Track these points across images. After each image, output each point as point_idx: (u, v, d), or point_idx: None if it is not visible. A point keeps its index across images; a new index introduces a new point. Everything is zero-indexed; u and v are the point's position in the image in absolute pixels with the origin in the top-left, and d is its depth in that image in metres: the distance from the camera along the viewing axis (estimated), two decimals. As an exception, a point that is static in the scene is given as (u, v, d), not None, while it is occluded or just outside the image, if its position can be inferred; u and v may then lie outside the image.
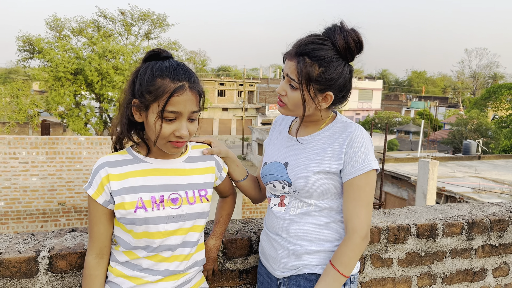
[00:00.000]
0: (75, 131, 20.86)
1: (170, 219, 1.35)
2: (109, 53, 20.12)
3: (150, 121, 1.28)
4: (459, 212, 2.22)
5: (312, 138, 1.51)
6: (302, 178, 1.45)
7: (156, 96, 1.26)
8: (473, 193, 12.51)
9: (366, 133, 1.46)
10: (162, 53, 1.32)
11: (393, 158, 18.51)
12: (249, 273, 1.79)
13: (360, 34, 1.42)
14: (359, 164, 1.41)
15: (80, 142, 10.69)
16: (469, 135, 29.60)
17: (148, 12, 23.81)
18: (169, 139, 1.29)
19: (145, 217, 1.31)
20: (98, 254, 1.37)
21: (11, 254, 1.48)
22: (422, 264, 2.02)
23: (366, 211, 1.41)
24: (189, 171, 1.43)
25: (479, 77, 68.81)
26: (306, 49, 1.39)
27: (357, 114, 46.54)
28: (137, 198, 1.31)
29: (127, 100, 1.33)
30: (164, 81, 1.26)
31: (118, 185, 1.31)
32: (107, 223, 1.35)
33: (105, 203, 1.32)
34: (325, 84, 1.41)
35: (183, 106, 1.27)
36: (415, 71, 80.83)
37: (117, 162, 1.34)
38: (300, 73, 1.40)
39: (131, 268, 1.36)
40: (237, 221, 1.96)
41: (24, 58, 22.86)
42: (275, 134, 1.67)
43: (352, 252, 1.39)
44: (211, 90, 42.07)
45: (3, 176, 10.14)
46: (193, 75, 1.31)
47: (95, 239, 1.36)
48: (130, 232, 1.33)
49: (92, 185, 1.32)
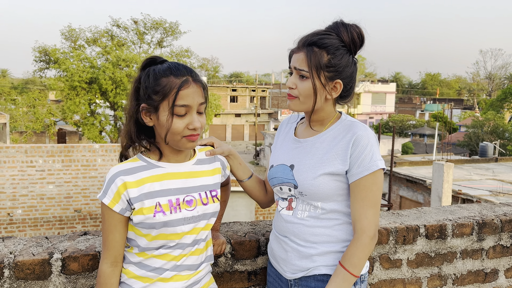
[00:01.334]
0: (90, 139, 21.18)
1: (187, 220, 1.39)
2: (122, 61, 20.42)
3: (162, 120, 1.31)
4: (469, 213, 2.21)
5: (317, 139, 1.51)
6: (308, 180, 1.46)
7: (164, 94, 1.30)
8: (490, 196, 12.30)
9: (371, 132, 1.46)
10: (158, 59, 1.38)
11: (408, 161, 18.31)
12: (258, 274, 1.80)
13: (362, 29, 1.46)
14: (365, 164, 1.41)
15: (95, 149, 10.85)
16: (486, 137, 29.09)
17: (160, 21, 24.11)
18: (184, 134, 1.33)
19: (165, 221, 1.34)
20: (113, 262, 1.38)
21: (25, 256, 1.53)
22: (432, 265, 2.01)
23: (373, 211, 1.42)
24: (200, 173, 1.47)
25: (495, 78, 67.72)
26: (313, 39, 1.44)
27: (371, 117, 46.18)
28: (155, 202, 1.34)
29: (133, 107, 1.36)
30: (168, 79, 1.31)
31: (136, 191, 1.33)
32: (122, 231, 1.37)
33: (122, 211, 1.34)
34: (334, 71, 1.44)
35: (191, 99, 1.31)
36: (428, 73, 79.99)
37: (131, 170, 1.35)
38: (310, 60, 1.43)
39: (144, 268, 1.39)
40: (245, 223, 1.99)
41: (40, 69, 23.36)
42: (281, 137, 1.68)
43: (361, 252, 1.40)
44: (223, 97, 42.25)
45: (21, 184, 10.35)
46: (193, 70, 1.37)
47: (111, 247, 1.37)
48: (147, 236, 1.36)
49: (107, 194, 1.32)
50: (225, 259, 1.75)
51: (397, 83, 71.29)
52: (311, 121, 1.55)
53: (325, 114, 1.52)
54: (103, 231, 1.37)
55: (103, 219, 1.36)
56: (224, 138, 42.20)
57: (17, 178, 10.31)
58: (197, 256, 1.46)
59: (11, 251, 1.56)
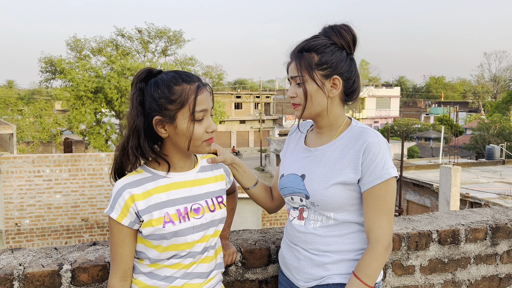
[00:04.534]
0: (96, 148, 21.29)
1: (196, 229, 1.37)
2: (127, 70, 20.57)
3: (181, 129, 1.30)
4: (482, 217, 2.17)
5: (328, 148, 1.48)
6: (320, 190, 1.42)
7: (182, 102, 1.29)
8: (498, 199, 12.18)
9: (382, 138, 1.42)
10: (153, 70, 1.36)
11: (414, 165, 18.19)
12: (269, 283, 1.78)
13: (350, 26, 1.47)
14: (377, 172, 1.37)
15: (101, 158, 10.89)
16: (492, 139, 28.91)
17: (164, 29, 24.30)
18: (204, 138, 1.34)
19: (175, 231, 1.33)
20: (122, 277, 1.35)
21: (34, 268, 1.52)
22: (446, 271, 1.98)
23: (387, 220, 1.38)
24: (204, 180, 1.46)
25: (500, 80, 67.36)
26: (301, 45, 1.45)
27: (375, 122, 46.05)
28: (164, 213, 1.33)
29: (141, 122, 1.31)
30: (182, 86, 1.30)
31: (144, 204, 1.31)
32: (131, 244, 1.35)
33: (131, 224, 1.32)
34: (328, 67, 1.42)
35: (207, 103, 1.33)
36: (433, 77, 79.72)
37: (137, 182, 1.33)
38: (300, 65, 1.43)
39: (155, 278, 1.37)
40: (255, 231, 1.97)
41: (46, 79, 23.58)
42: (292, 145, 1.65)
43: (376, 262, 1.37)
44: (228, 103, 42.35)
45: (28, 194, 10.39)
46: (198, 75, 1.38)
47: (120, 262, 1.34)
48: (158, 247, 1.34)
49: (115, 209, 1.30)
50: (235, 267, 1.73)
51: (402, 87, 71.08)
52: (320, 127, 1.53)
53: (333, 118, 1.49)
54: (111, 246, 1.35)
55: (111, 234, 1.34)
56: (229, 144, 42.24)
57: (25, 188, 10.36)
58: (208, 263, 1.44)
59: (21, 263, 1.55)
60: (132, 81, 1.37)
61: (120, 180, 1.34)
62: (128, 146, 1.32)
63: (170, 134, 1.34)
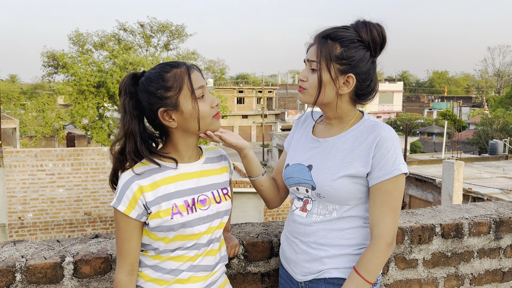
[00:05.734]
0: (99, 142, 21.32)
1: (202, 220, 1.37)
2: (130, 65, 20.53)
3: (188, 111, 1.31)
4: (485, 211, 2.16)
5: (338, 139, 1.46)
6: (327, 182, 1.40)
7: (179, 85, 1.30)
8: (501, 194, 12.15)
9: (395, 134, 1.40)
10: (137, 72, 1.37)
11: (417, 160, 18.14)
12: (271, 276, 1.78)
13: (383, 28, 1.41)
14: (387, 167, 1.35)
15: (103, 152, 10.90)
16: (495, 134, 28.79)
17: (166, 24, 24.23)
18: (212, 113, 1.35)
19: (182, 222, 1.32)
20: (129, 271, 1.34)
21: (37, 260, 1.52)
22: (449, 265, 1.97)
23: (393, 217, 1.36)
24: (209, 171, 1.46)
25: (503, 75, 67.06)
26: (328, 32, 1.41)
27: (378, 116, 45.95)
28: (172, 204, 1.32)
29: (136, 126, 1.31)
30: (172, 72, 1.31)
31: (152, 195, 1.30)
32: (138, 237, 1.34)
33: (139, 217, 1.31)
34: (347, 64, 1.38)
35: (201, 80, 1.35)
36: (436, 72, 79.39)
37: (144, 174, 1.32)
38: (320, 52, 1.39)
39: (160, 271, 1.37)
40: (258, 224, 1.96)
41: (49, 73, 23.59)
42: (297, 134, 1.63)
43: (377, 259, 1.35)
44: (230, 98, 42.30)
45: (31, 188, 10.43)
46: None
47: (127, 255, 1.33)
48: (164, 239, 1.33)
49: (122, 201, 1.29)
50: (238, 260, 1.73)
51: (404, 81, 70.87)
52: (329, 118, 1.50)
53: (341, 112, 1.46)
54: (118, 239, 1.33)
55: (117, 227, 1.33)
56: (231, 139, 42.05)
57: (28, 182, 10.39)
58: (214, 256, 1.44)
59: (23, 255, 1.55)
60: (119, 88, 1.36)
61: (126, 172, 1.32)
62: (125, 151, 1.32)
63: (179, 122, 1.33)
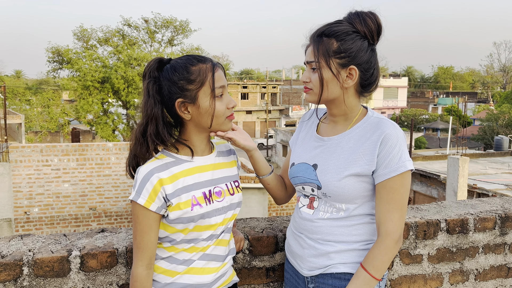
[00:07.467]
0: (103, 137, 21.39)
1: (218, 211, 1.40)
2: (134, 60, 20.55)
3: (204, 107, 1.32)
4: (491, 207, 2.15)
5: (342, 137, 1.45)
6: (333, 182, 1.40)
7: (201, 80, 1.31)
8: (506, 190, 12.10)
9: (400, 130, 1.38)
10: (164, 59, 1.38)
11: (421, 156, 18.08)
12: (276, 270, 1.78)
13: (377, 15, 1.40)
14: (393, 165, 1.34)
15: (108, 148, 10.95)
16: (501, 130, 28.60)
17: (171, 19, 24.18)
18: (226, 114, 1.37)
19: (202, 213, 1.34)
20: (148, 265, 1.33)
21: (44, 254, 1.53)
22: (454, 260, 1.97)
23: (400, 214, 1.36)
24: (222, 164, 1.49)
25: (509, 71, 66.52)
26: (321, 29, 1.40)
27: (383, 112, 45.74)
28: (191, 196, 1.34)
29: (159, 109, 1.32)
30: (198, 66, 1.32)
31: (172, 187, 1.31)
32: (156, 230, 1.34)
33: (158, 209, 1.31)
34: (346, 56, 1.37)
35: (223, 80, 1.37)
36: (441, 67, 78.83)
37: (162, 166, 1.33)
38: (317, 51, 1.38)
39: (174, 262, 1.38)
40: (263, 219, 1.97)
41: (53, 69, 23.64)
42: (303, 133, 1.62)
43: (385, 256, 1.35)
44: (234, 94, 42.29)
45: (37, 183, 10.50)
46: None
47: (146, 249, 1.32)
48: (183, 231, 1.34)
49: (142, 194, 1.29)
50: (243, 255, 1.74)
51: (409, 77, 70.51)
52: (333, 116, 1.49)
53: (347, 107, 1.45)
54: (136, 233, 1.32)
55: (136, 221, 1.32)
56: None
57: (33, 177, 10.46)
58: (225, 247, 1.47)
59: (30, 249, 1.56)
60: (144, 71, 1.37)
61: (144, 165, 1.33)
62: (147, 134, 1.32)
63: (193, 115, 1.35)
